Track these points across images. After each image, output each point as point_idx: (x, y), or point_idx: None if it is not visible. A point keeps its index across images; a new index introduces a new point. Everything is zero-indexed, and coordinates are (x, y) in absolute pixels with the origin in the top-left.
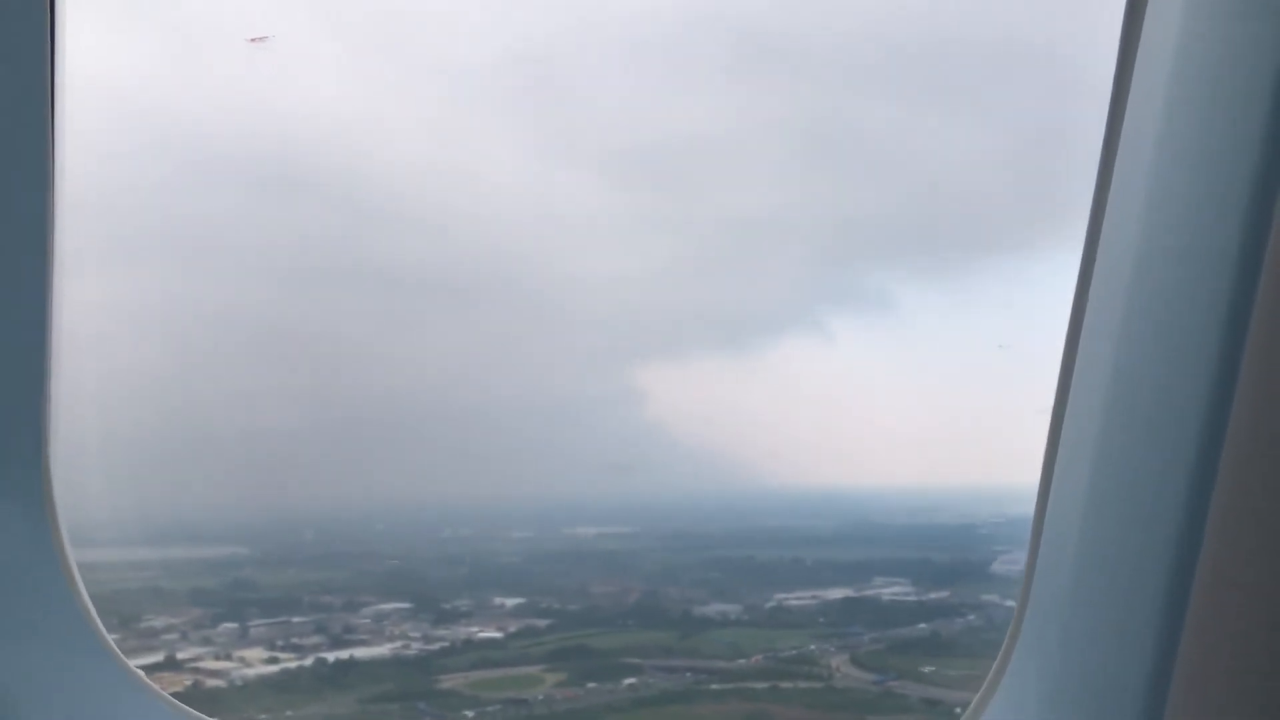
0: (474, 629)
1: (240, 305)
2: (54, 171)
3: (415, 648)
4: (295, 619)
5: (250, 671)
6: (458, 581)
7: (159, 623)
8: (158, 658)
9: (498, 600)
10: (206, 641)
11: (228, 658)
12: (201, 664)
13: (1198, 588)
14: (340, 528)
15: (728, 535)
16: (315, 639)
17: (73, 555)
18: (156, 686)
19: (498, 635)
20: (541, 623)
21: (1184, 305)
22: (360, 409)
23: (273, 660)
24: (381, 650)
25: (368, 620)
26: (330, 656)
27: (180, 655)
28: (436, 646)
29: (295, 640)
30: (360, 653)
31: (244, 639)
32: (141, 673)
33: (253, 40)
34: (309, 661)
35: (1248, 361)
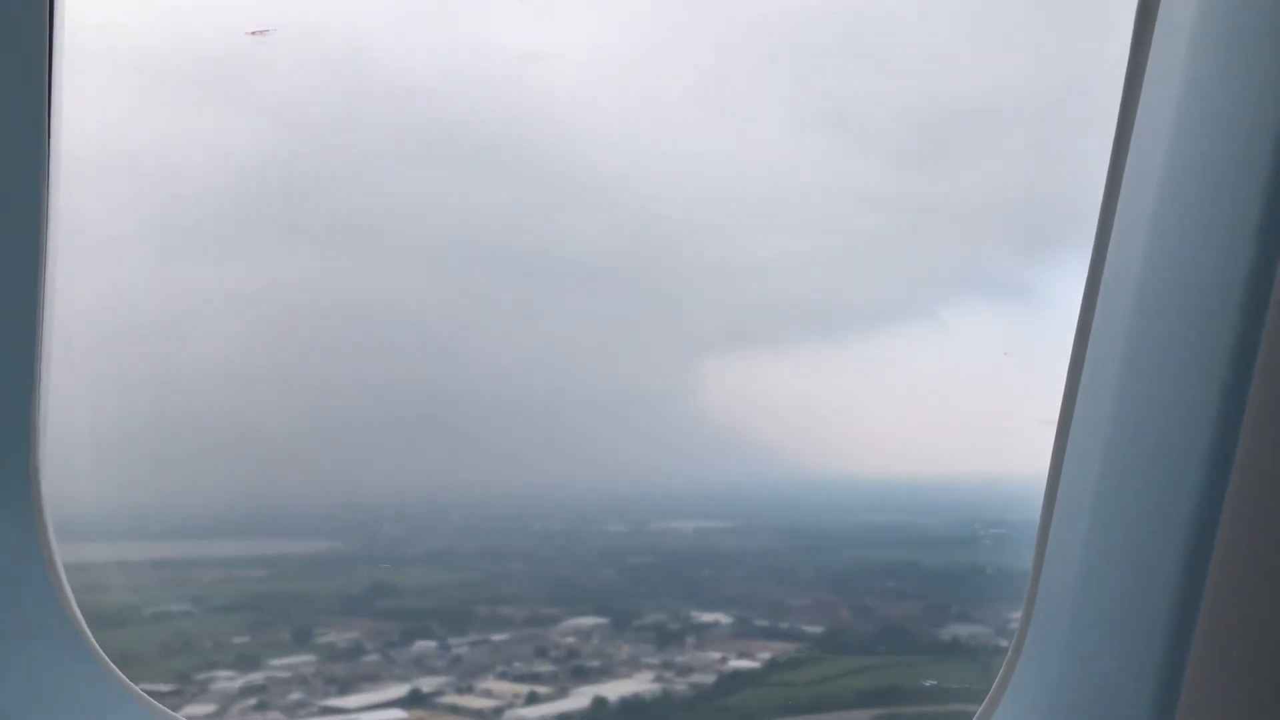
0: (714, 655)
1: (364, 291)
2: (49, 169)
3: (680, 683)
4: (493, 637)
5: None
6: (614, 586)
7: (336, 637)
8: (400, 691)
9: (695, 614)
10: (420, 666)
11: (473, 691)
12: (460, 701)
13: (1208, 593)
14: (422, 521)
15: (843, 532)
16: (544, 665)
17: (60, 560)
18: (143, 691)
19: (756, 666)
20: (781, 647)
21: (1194, 311)
22: (453, 398)
23: (533, 698)
24: (641, 684)
25: (573, 639)
26: (590, 691)
27: (423, 688)
28: (699, 679)
29: (520, 666)
30: (621, 688)
31: (458, 665)
32: (127, 679)
33: (253, 34)
34: (583, 701)
35: (1260, 369)
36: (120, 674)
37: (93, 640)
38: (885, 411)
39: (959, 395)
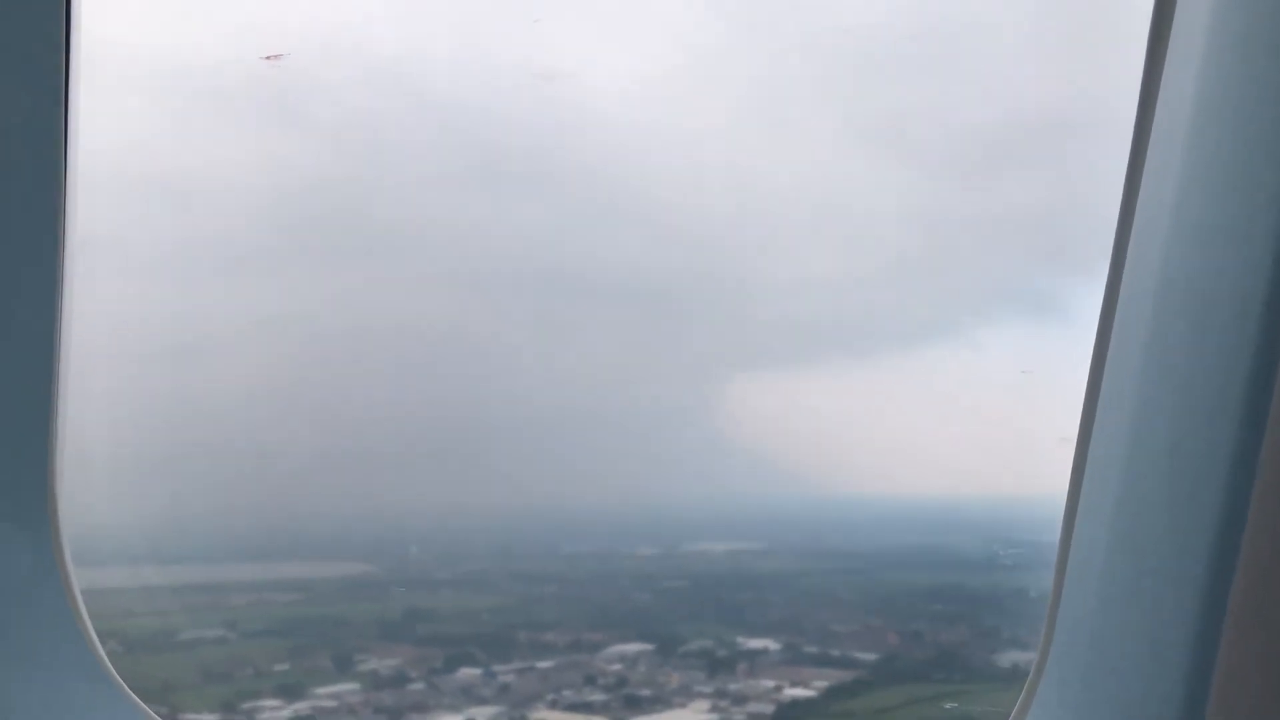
0: (767, 683)
1: (394, 312)
2: (66, 189)
3: (739, 713)
4: (539, 664)
5: None
6: (652, 611)
7: (377, 664)
8: None
9: (740, 639)
10: (468, 695)
11: None
12: None
13: (1232, 607)
14: (450, 543)
15: (876, 554)
16: (594, 694)
17: (76, 581)
18: (155, 714)
19: (812, 694)
20: (835, 674)
21: (1213, 325)
22: (480, 419)
23: None
24: (699, 715)
25: (620, 666)
26: None
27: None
28: (757, 709)
29: (571, 695)
30: (678, 719)
31: (507, 694)
32: (140, 700)
33: (268, 58)
34: None
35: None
36: (135, 697)
37: (108, 663)
38: (914, 431)
39: (990, 413)
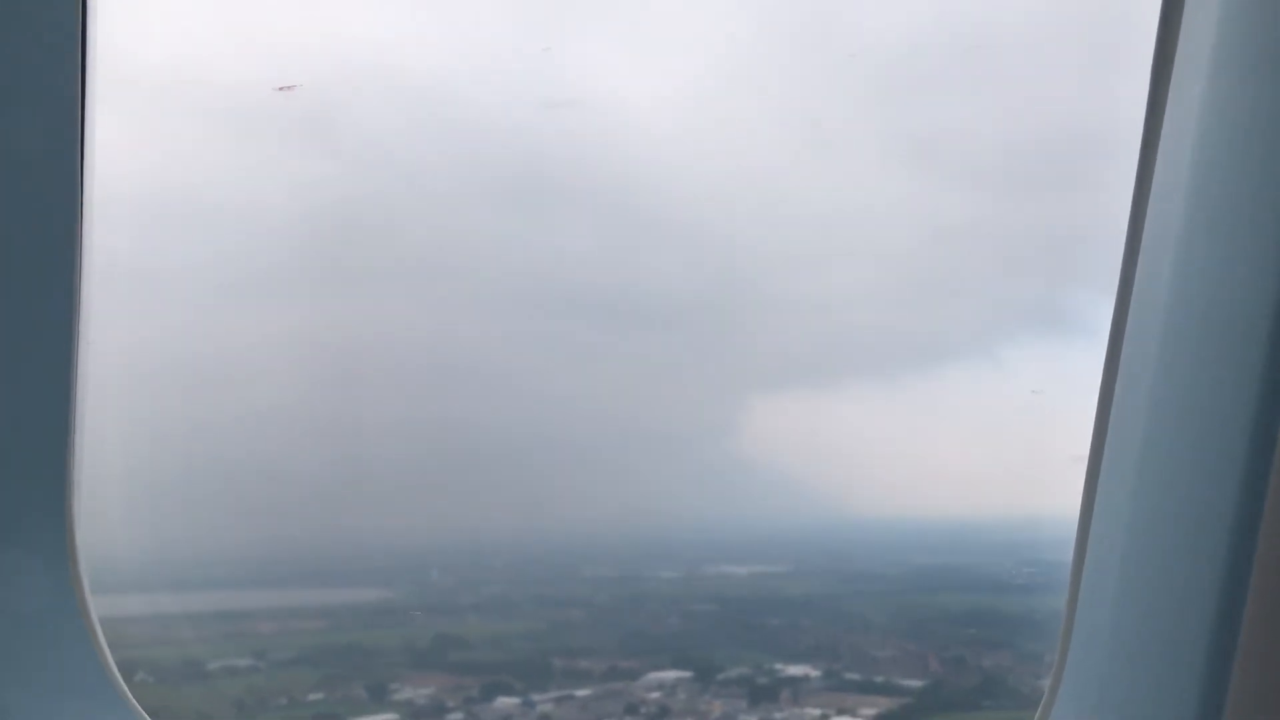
0: (813, 711)
1: (419, 334)
2: (83, 213)
3: None
4: (577, 692)
5: None
6: (683, 636)
7: (412, 693)
8: None
9: (779, 666)
10: None
11: None
12: None
13: (1248, 613)
14: (470, 568)
15: (902, 576)
16: None
17: (94, 606)
18: None
19: None
20: (882, 702)
21: (1223, 337)
22: (499, 442)
23: None
24: None
25: (659, 694)
26: None
27: None
28: None
29: None
30: None
31: None
32: None
33: (281, 89)
34: None
35: None
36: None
37: (125, 689)
38: (935, 451)
39: (1014, 432)
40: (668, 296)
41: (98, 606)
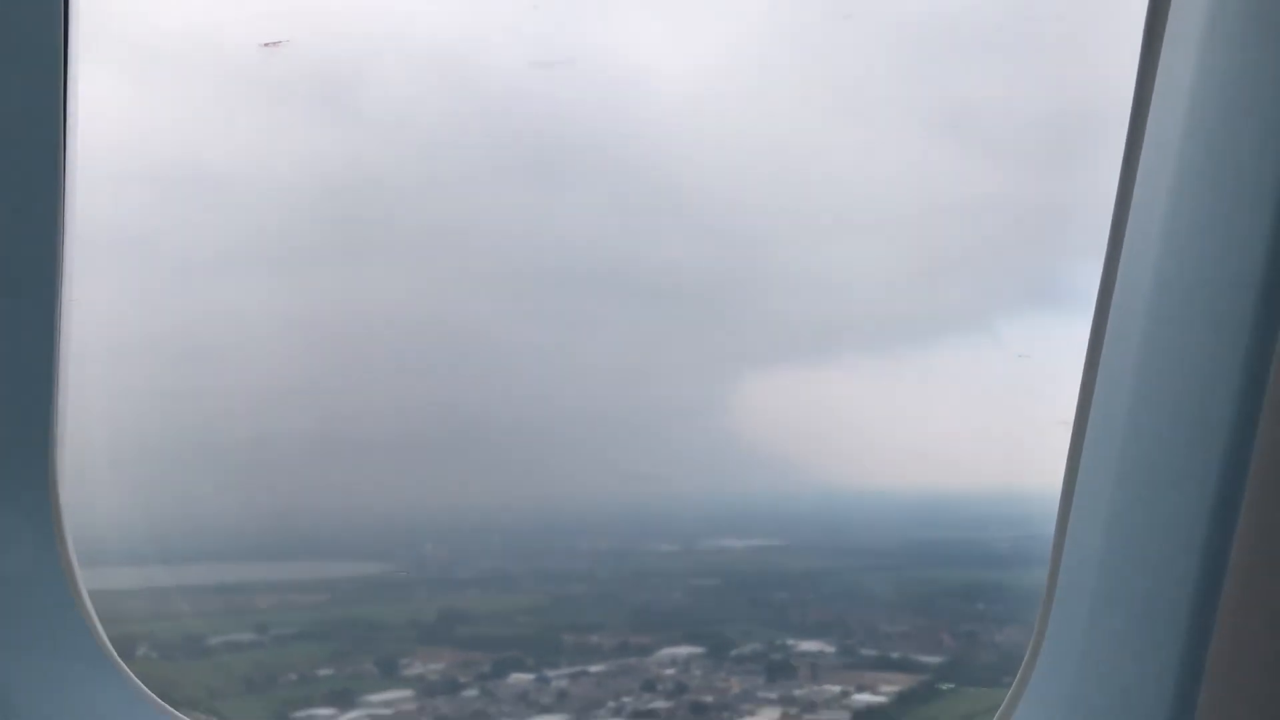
0: (833, 688)
1: (417, 309)
2: (64, 177)
3: None
4: (590, 669)
5: None
6: (689, 611)
7: (422, 669)
8: None
9: (791, 641)
10: (527, 703)
11: None
12: None
13: (1226, 598)
14: (465, 541)
15: (899, 550)
16: (657, 700)
17: (79, 568)
18: (160, 700)
19: (884, 700)
20: (902, 679)
21: (1209, 313)
22: (492, 415)
23: None
24: None
25: (673, 671)
26: None
27: None
28: (831, 717)
29: (633, 702)
30: None
31: (567, 701)
32: (145, 687)
33: (266, 45)
34: None
35: (1275, 368)
36: (137, 680)
37: (110, 647)
38: (930, 425)
39: (1007, 407)
40: (673, 272)
41: (93, 580)
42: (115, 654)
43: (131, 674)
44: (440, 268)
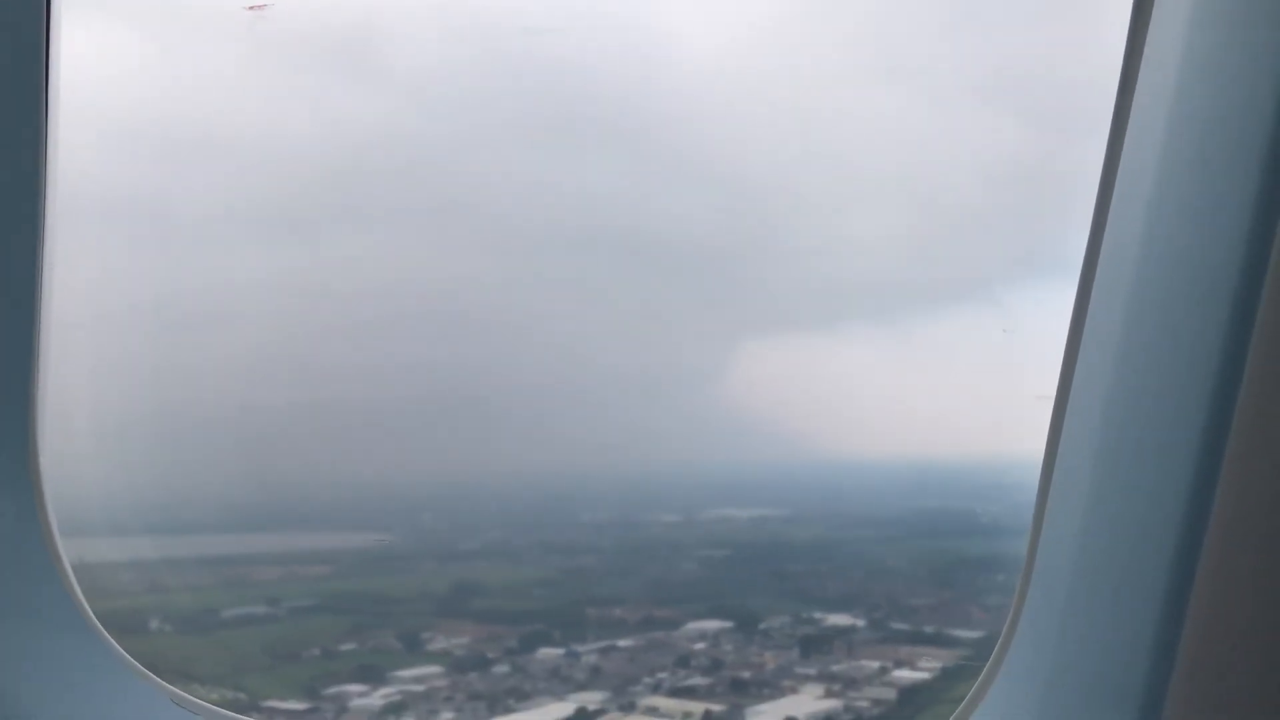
0: (872, 664)
1: (424, 274)
2: (46, 151)
3: (859, 698)
4: (620, 643)
5: None
6: (706, 582)
7: (446, 643)
8: (566, 710)
9: (819, 615)
10: (561, 678)
11: (639, 710)
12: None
13: (1199, 586)
14: (464, 511)
15: (906, 519)
16: (694, 677)
17: (60, 536)
18: (141, 666)
19: (927, 676)
20: (940, 653)
21: (1189, 295)
22: (492, 383)
23: (710, 718)
24: (819, 701)
25: (704, 645)
26: (770, 710)
27: (588, 706)
28: (878, 694)
29: (668, 678)
30: (800, 706)
31: (600, 677)
32: (127, 653)
33: (251, 8)
34: None
35: (1253, 355)
36: (120, 648)
37: (92, 615)
38: (931, 394)
39: (1007, 377)
40: (689, 237)
41: (86, 551)
42: (98, 623)
43: (114, 642)
44: (443, 232)
